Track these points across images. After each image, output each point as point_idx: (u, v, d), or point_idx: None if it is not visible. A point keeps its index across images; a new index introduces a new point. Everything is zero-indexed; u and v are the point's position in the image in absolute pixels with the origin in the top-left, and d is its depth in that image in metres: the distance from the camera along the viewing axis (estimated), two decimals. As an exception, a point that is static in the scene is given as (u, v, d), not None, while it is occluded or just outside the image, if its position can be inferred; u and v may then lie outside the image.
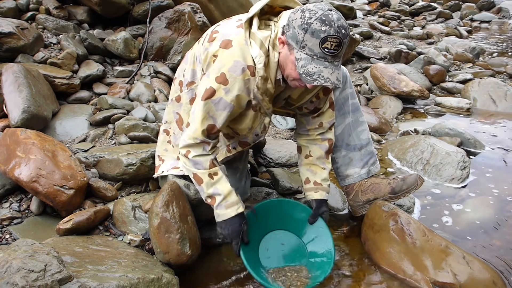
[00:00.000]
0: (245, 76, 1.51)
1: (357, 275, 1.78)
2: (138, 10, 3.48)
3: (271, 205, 1.83)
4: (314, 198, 1.83)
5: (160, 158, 1.97)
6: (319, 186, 1.85)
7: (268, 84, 1.56)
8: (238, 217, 1.63)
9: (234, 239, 1.63)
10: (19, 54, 2.73)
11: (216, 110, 1.56)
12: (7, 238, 1.75)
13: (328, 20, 1.35)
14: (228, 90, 1.52)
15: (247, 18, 1.50)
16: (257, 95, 1.55)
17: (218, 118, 1.57)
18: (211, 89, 1.52)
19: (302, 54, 1.40)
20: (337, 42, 1.36)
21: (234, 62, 1.49)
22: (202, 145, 1.63)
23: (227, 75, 1.50)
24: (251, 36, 1.50)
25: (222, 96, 1.53)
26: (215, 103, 1.54)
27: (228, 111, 1.56)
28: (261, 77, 1.51)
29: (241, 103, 1.57)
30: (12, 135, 1.97)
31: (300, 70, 1.40)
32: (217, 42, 1.55)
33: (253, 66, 1.50)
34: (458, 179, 2.49)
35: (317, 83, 1.39)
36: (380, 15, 7.36)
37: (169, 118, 1.93)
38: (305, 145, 1.91)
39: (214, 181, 1.62)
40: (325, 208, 1.83)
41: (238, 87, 1.51)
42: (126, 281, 1.38)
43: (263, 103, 1.59)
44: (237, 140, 1.83)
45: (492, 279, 1.64)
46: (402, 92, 3.70)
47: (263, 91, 1.56)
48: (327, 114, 1.86)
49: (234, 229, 1.63)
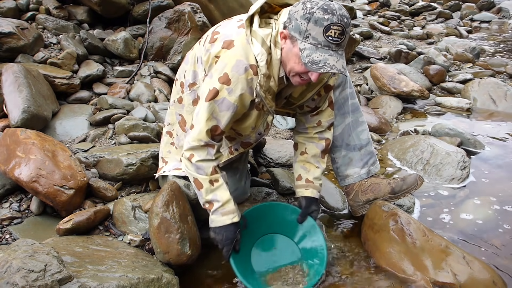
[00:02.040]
0: (248, 76, 1.50)
1: (357, 275, 1.78)
2: (138, 10, 3.48)
3: (260, 210, 1.82)
4: (304, 196, 1.83)
5: (164, 160, 1.96)
6: (311, 184, 1.85)
7: (271, 82, 1.55)
8: (233, 226, 1.62)
9: (226, 246, 1.62)
10: (19, 54, 2.73)
11: (220, 111, 1.55)
12: (7, 238, 1.75)
13: (330, 9, 1.36)
14: (231, 90, 1.51)
15: (248, 16, 1.50)
16: (259, 93, 1.54)
17: (221, 119, 1.57)
18: (214, 90, 1.52)
19: (306, 44, 1.40)
20: (340, 30, 1.36)
21: (237, 62, 1.49)
22: (206, 149, 1.61)
23: (230, 75, 1.49)
24: (252, 34, 1.50)
25: (225, 96, 1.52)
26: (218, 104, 1.54)
27: (232, 111, 1.55)
28: (263, 75, 1.50)
29: (244, 103, 1.56)
30: (12, 135, 1.97)
31: (305, 60, 1.39)
32: (218, 43, 1.54)
33: (255, 65, 1.50)
34: (458, 179, 2.49)
35: (324, 71, 1.38)
36: (380, 15, 7.37)
37: (172, 119, 1.93)
38: (302, 142, 1.91)
39: (214, 188, 1.62)
40: (314, 207, 1.83)
41: (241, 87, 1.51)
42: (126, 281, 1.38)
43: (266, 101, 1.59)
44: (239, 141, 1.83)
45: (492, 279, 1.63)
46: (402, 92, 3.70)
47: (266, 89, 1.55)
48: (326, 113, 1.86)
49: (228, 237, 1.62)
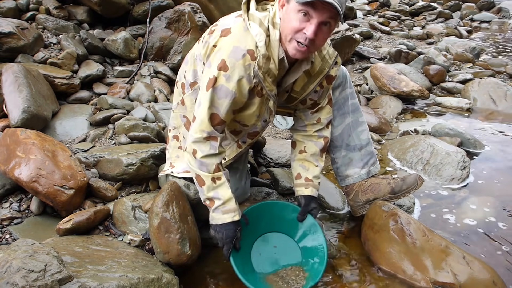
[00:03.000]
0: (246, 61, 1.49)
1: (357, 275, 1.78)
2: (138, 10, 3.48)
3: (260, 209, 1.81)
4: (304, 194, 1.83)
5: (172, 165, 1.93)
6: (310, 182, 1.85)
7: (271, 64, 1.53)
8: (233, 224, 1.62)
9: (226, 245, 1.61)
10: (19, 54, 2.73)
11: (218, 98, 1.54)
12: (7, 238, 1.75)
13: None
14: (229, 77, 1.50)
15: (244, 1, 1.50)
16: (258, 73, 1.51)
17: (220, 107, 1.56)
18: (213, 78, 1.52)
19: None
20: None
21: (234, 48, 1.49)
22: (209, 142, 1.60)
23: (227, 61, 1.49)
24: (249, 17, 1.50)
25: (223, 83, 1.51)
26: (217, 91, 1.53)
27: (230, 99, 1.54)
28: (263, 56, 1.48)
29: (242, 90, 1.54)
30: (12, 135, 1.97)
31: None
32: (216, 32, 1.55)
33: (253, 50, 1.49)
34: (458, 179, 2.49)
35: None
36: (380, 15, 7.37)
37: (177, 122, 1.91)
38: (300, 140, 1.91)
39: (216, 185, 1.62)
40: (314, 205, 1.83)
41: (239, 73, 1.50)
42: (126, 281, 1.38)
43: (265, 84, 1.55)
44: (245, 133, 1.81)
45: (492, 279, 1.63)
46: (402, 92, 3.70)
47: (265, 71, 1.53)
48: (325, 110, 1.86)
49: (228, 235, 1.61)
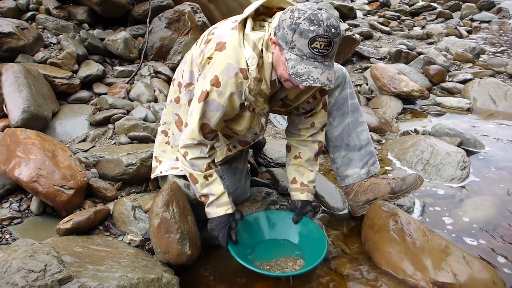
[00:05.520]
0: (238, 79, 1.51)
1: (357, 275, 1.78)
2: (138, 10, 3.48)
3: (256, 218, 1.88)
4: (300, 199, 1.88)
5: (157, 159, 1.97)
6: (306, 187, 1.89)
7: (263, 85, 1.55)
8: (227, 216, 1.70)
9: (221, 231, 1.68)
10: (19, 54, 2.73)
11: (210, 111, 1.58)
12: (7, 238, 1.75)
13: (317, 19, 1.32)
14: (221, 93, 1.53)
15: (241, 19, 1.49)
16: (248, 96, 1.54)
17: (211, 118, 1.60)
18: (206, 92, 1.54)
19: (292, 55, 1.39)
20: (327, 42, 1.34)
21: (227, 65, 1.49)
22: (199, 147, 1.66)
23: (220, 77, 1.51)
24: (244, 37, 1.49)
25: (215, 98, 1.54)
26: (208, 104, 1.56)
27: (221, 112, 1.58)
28: (254, 79, 1.50)
29: (234, 105, 1.58)
30: (12, 135, 1.97)
31: (290, 71, 1.39)
32: (212, 44, 1.56)
33: (246, 69, 1.50)
34: (458, 179, 2.49)
35: (306, 84, 1.38)
36: (380, 15, 7.38)
37: (168, 119, 1.94)
38: (295, 145, 1.94)
39: (208, 182, 1.69)
40: (309, 208, 1.89)
41: (230, 90, 1.52)
42: (126, 281, 1.38)
43: (257, 104, 1.59)
44: (236, 139, 1.84)
45: (492, 279, 1.63)
46: (402, 92, 3.70)
47: (256, 92, 1.55)
48: (319, 114, 1.87)
49: (222, 221, 1.69)
